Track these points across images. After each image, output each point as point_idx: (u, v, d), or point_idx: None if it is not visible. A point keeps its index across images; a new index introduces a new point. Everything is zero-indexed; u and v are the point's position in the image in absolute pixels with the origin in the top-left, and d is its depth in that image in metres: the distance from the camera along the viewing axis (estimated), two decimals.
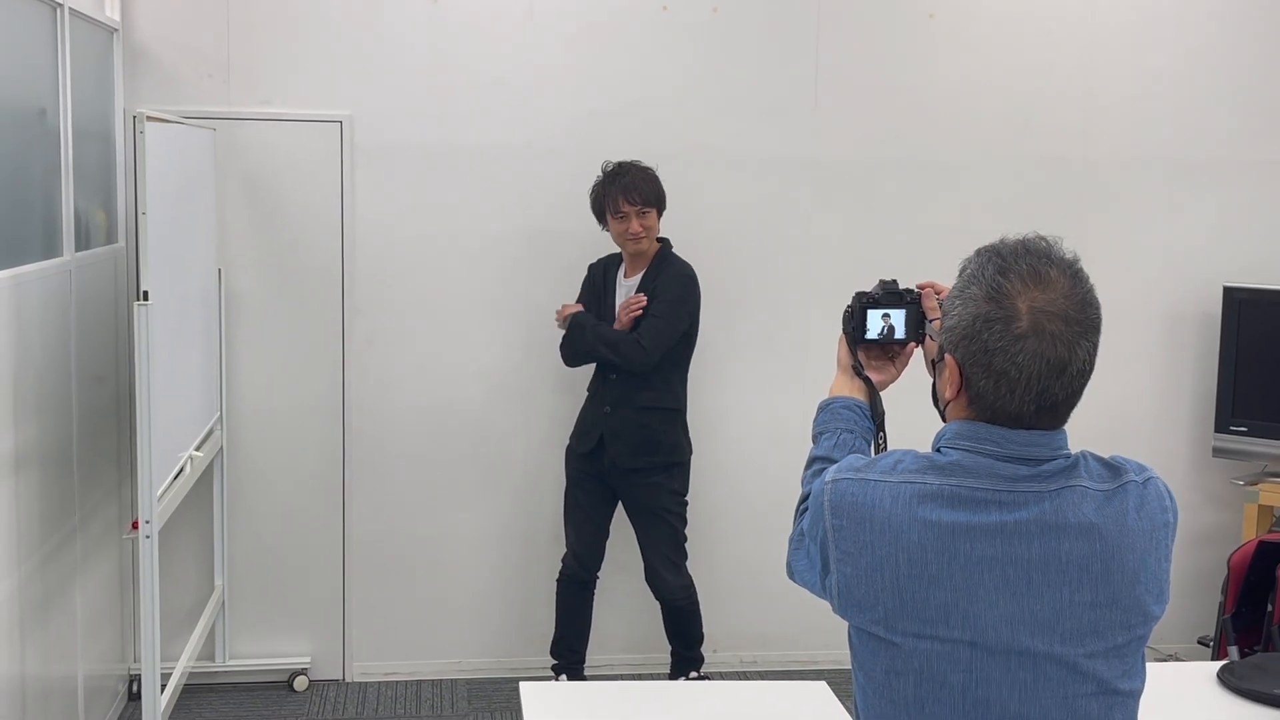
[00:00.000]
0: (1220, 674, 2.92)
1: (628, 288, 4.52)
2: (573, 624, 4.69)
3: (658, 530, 4.57)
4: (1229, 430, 5.06)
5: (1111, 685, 1.72)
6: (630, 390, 4.46)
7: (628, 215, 4.38)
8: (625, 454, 4.48)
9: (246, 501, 4.85)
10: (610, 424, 4.48)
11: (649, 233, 4.44)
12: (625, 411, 4.46)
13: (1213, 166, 5.25)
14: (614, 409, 4.47)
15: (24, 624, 3.56)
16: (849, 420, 2.08)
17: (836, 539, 1.75)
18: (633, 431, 4.47)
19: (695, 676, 4.69)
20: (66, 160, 3.95)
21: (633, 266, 4.54)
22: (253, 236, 4.77)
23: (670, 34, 4.93)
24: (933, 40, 5.06)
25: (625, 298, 4.49)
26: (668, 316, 4.42)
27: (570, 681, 4.52)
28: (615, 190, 4.39)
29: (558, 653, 4.69)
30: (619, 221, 4.41)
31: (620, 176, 4.41)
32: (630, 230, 4.39)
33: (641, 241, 4.43)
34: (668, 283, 4.45)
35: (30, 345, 3.60)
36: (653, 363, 4.39)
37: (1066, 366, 1.69)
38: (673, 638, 4.70)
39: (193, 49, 4.67)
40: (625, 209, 4.38)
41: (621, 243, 4.47)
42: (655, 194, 4.43)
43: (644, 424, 4.47)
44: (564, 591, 4.70)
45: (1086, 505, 1.71)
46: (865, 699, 1.79)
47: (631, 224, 4.38)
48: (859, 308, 2.14)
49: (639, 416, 4.47)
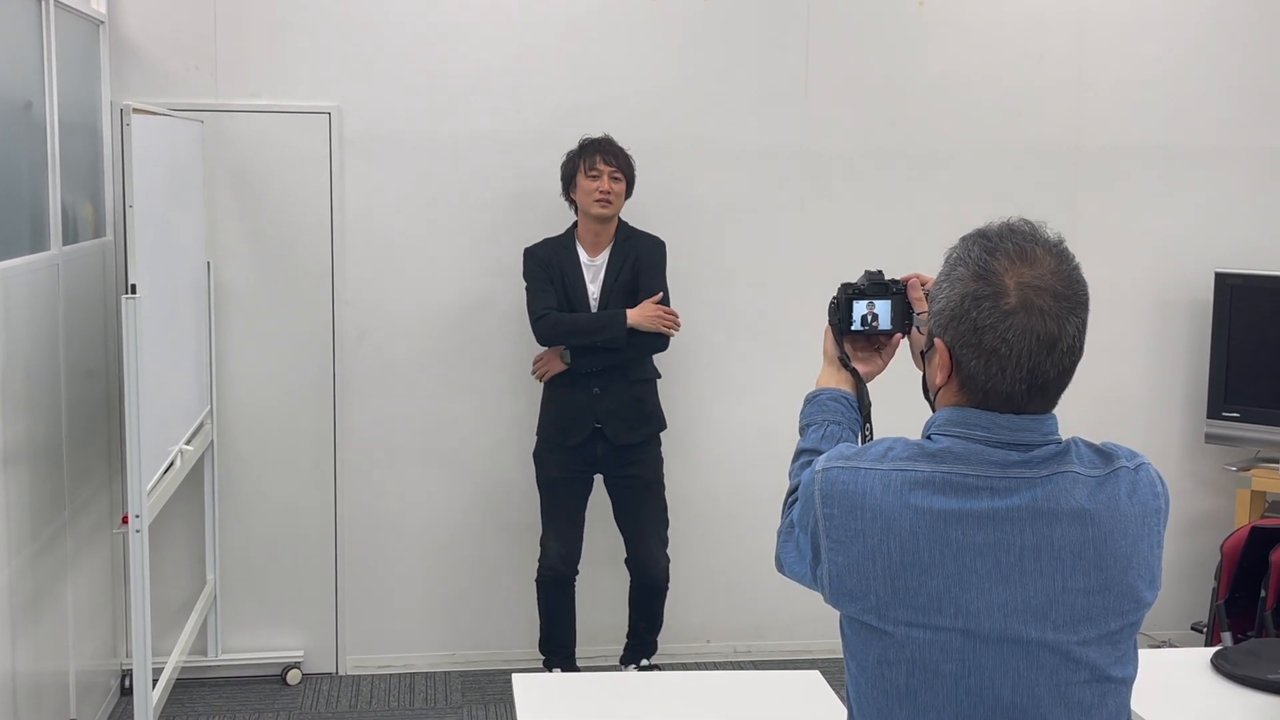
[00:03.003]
0: (1214, 660, 2.92)
1: (596, 268, 4.51)
2: (559, 622, 4.66)
3: (653, 504, 4.61)
4: (1221, 416, 5.06)
5: (1104, 672, 1.71)
6: (618, 366, 4.48)
7: (601, 174, 4.41)
8: (624, 430, 4.50)
9: (238, 495, 4.84)
10: (603, 405, 4.48)
11: (617, 198, 4.44)
12: (617, 388, 4.49)
13: (1204, 153, 5.24)
14: (604, 389, 4.47)
15: (15, 620, 3.54)
16: (836, 412, 2.07)
17: (828, 527, 1.75)
18: (627, 406, 4.51)
19: (647, 665, 4.70)
20: (53, 153, 3.93)
21: (594, 246, 4.51)
22: (241, 229, 4.75)
23: (661, 25, 4.91)
24: (923, 29, 5.05)
25: (597, 278, 4.48)
26: (665, 286, 4.52)
27: (563, 673, 4.52)
28: (593, 149, 4.45)
29: (548, 650, 4.68)
30: (591, 180, 4.42)
31: (598, 141, 4.49)
32: (602, 187, 4.40)
33: (609, 206, 4.42)
34: (649, 251, 4.52)
35: (18, 340, 3.59)
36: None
37: (1056, 342, 1.68)
38: (641, 619, 4.71)
39: (179, 41, 4.65)
40: (600, 167, 4.41)
41: (589, 204, 4.44)
42: (628, 165, 4.47)
43: (638, 396, 4.53)
44: (549, 593, 4.64)
45: (1078, 491, 1.70)
46: (857, 688, 1.78)
47: (603, 181, 4.39)
48: (844, 299, 2.13)
49: (632, 390, 4.52)
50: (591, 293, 4.49)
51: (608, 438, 4.50)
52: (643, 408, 4.55)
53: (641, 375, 4.56)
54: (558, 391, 4.56)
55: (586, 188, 4.44)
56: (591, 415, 4.49)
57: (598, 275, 4.51)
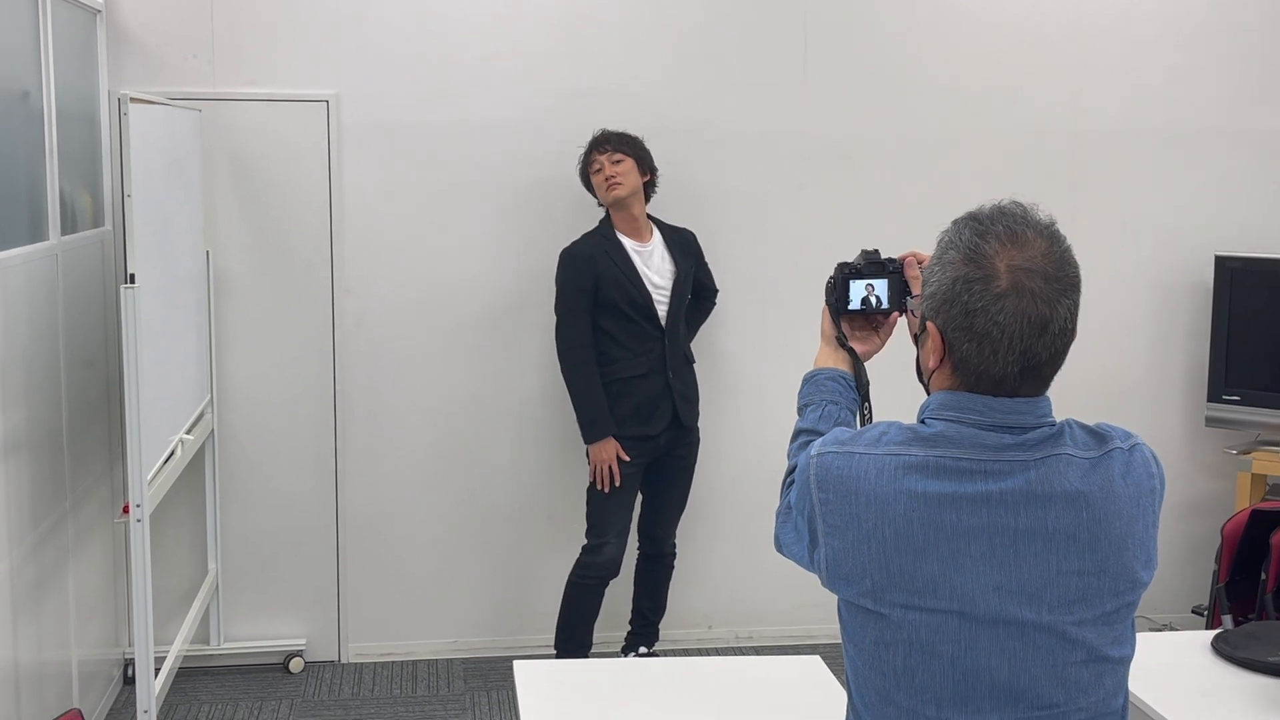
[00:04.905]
0: (1214, 642, 2.92)
1: (647, 253, 4.49)
2: (589, 623, 4.55)
3: (685, 485, 4.71)
4: (1221, 400, 5.06)
5: (1101, 652, 1.72)
6: (682, 349, 4.58)
7: (601, 166, 4.42)
8: (691, 412, 4.62)
9: (239, 483, 4.84)
10: (676, 389, 4.52)
11: (624, 177, 4.41)
12: (684, 370, 4.60)
13: (1203, 136, 5.23)
14: (676, 373, 4.51)
15: (16, 609, 3.55)
16: (834, 392, 2.07)
17: (824, 512, 1.75)
18: (691, 387, 4.64)
19: (646, 653, 4.70)
20: (51, 143, 3.93)
21: (636, 232, 4.49)
22: (240, 218, 4.75)
23: (659, 10, 4.90)
24: (921, 13, 5.04)
25: (652, 264, 4.47)
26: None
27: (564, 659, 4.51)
28: (588, 149, 4.50)
29: (567, 649, 4.54)
30: (596, 175, 4.45)
31: (592, 140, 4.52)
32: (605, 174, 4.41)
33: (617, 187, 4.41)
34: (692, 243, 4.65)
35: (18, 330, 3.59)
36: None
37: (1048, 324, 1.68)
38: (647, 598, 4.72)
39: (177, 30, 4.64)
40: (597, 158, 4.44)
41: (603, 195, 4.45)
42: (626, 141, 4.47)
43: (694, 377, 4.67)
44: (592, 596, 4.51)
45: (1072, 473, 1.70)
46: (855, 671, 1.78)
47: (605, 169, 4.41)
48: (841, 278, 2.13)
49: (690, 371, 4.65)
50: (649, 278, 4.44)
51: (681, 421, 4.55)
52: (698, 389, 4.66)
53: (690, 355, 4.67)
54: (631, 384, 4.45)
55: (596, 183, 4.47)
56: (669, 400, 4.50)
57: (651, 260, 4.48)
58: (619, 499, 4.49)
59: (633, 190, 4.44)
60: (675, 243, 4.57)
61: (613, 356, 4.44)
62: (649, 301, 4.43)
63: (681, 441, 4.61)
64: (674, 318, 4.50)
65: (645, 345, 4.45)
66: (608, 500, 4.47)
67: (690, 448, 4.67)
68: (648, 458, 4.54)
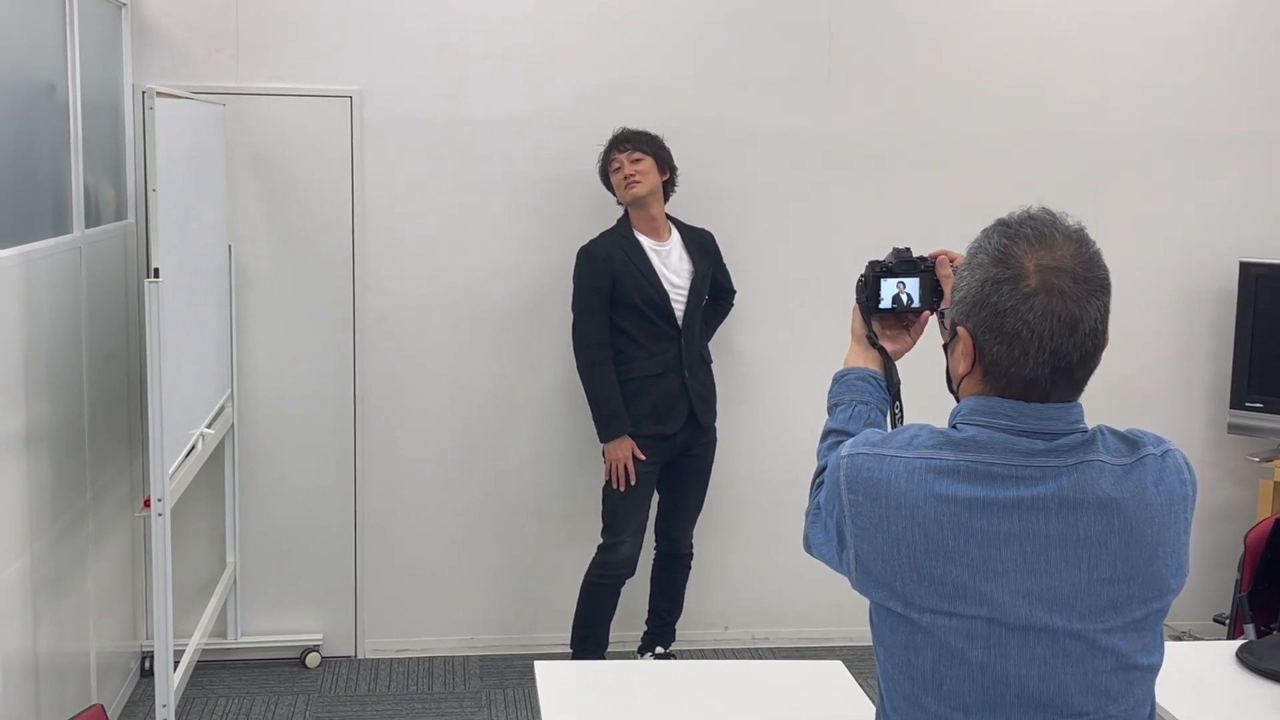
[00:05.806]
0: (1239, 653, 2.90)
1: (665, 253, 4.48)
2: (606, 623, 4.55)
3: (702, 486, 4.70)
4: (1245, 406, 5.02)
5: (1131, 660, 1.70)
6: (698, 349, 4.57)
7: (621, 164, 4.42)
8: (708, 412, 4.60)
9: (258, 478, 4.85)
10: (693, 388, 4.50)
11: (643, 176, 4.41)
12: (701, 370, 4.58)
13: (1229, 140, 5.20)
14: (692, 372, 4.50)
15: (37, 602, 3.56)
16: (864, 391, 2.06)
17: (853, 514, 1.74)
18: (708, 387, 4.62)
19: (663, 653, 4.69)
20: (76, 136, 3.94)
21: (655, 231, 4.48)
22: (263, 212, 4.75)
23: (681, 8, 4.89)
24: (944, 14, 5.02)
25: (670, 264, 4.46)
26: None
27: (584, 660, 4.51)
28: (607, 148, 4.50)
29: (584, 648, 4.54)
30: (615, 174, 4.44)
31: (611, 139, 4.51)
32: (624, 172, 4.40)
33: (636, 186, 4.40)
34: (710, 243, 4.63)
35: (41, 323, 3.59)
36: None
37: (1078, 324, 1.67)
38: (663, 599, 4.71)
39: (202, 24, 4.65)
40: (617, 157, 4.44)
41: (622, 194, 4.45)
42: (645, 140, 4.47)
43: (711, 377, 4.64)
44: (608, 595, 4.51)
45: (1104, 480, 1.69)
46: (885, 674, 1.77)
47: (624, 168, 4.40)
48: (873, 276, 2.12)
49: (707, 371, 4.63)
50: (667, 277, 4.44)
51: (698, 420, 4.53)
52: (715, 389, 4.64)
53: (707, 355, 4.65)
54: (647, 383, 4.44)
55: (615, 181, 4.46)
56: (685, 400, 4.49)
57: (669, 260, 4.47)
58: (634, 498, 4.48)
59: (651, 189, 4.43)
60: (693, 243, 4.56)
61: (629, 355, 4.43)
62: (666, 301, 4.42)
63: (698, 441, 4.60)
64: (690, 317, 4.49)
65: (662, 344, 4.44)
66: (623, 499, 4.46)
67: (707, 448, 4.65)
68: (664, 457, 4.53)
